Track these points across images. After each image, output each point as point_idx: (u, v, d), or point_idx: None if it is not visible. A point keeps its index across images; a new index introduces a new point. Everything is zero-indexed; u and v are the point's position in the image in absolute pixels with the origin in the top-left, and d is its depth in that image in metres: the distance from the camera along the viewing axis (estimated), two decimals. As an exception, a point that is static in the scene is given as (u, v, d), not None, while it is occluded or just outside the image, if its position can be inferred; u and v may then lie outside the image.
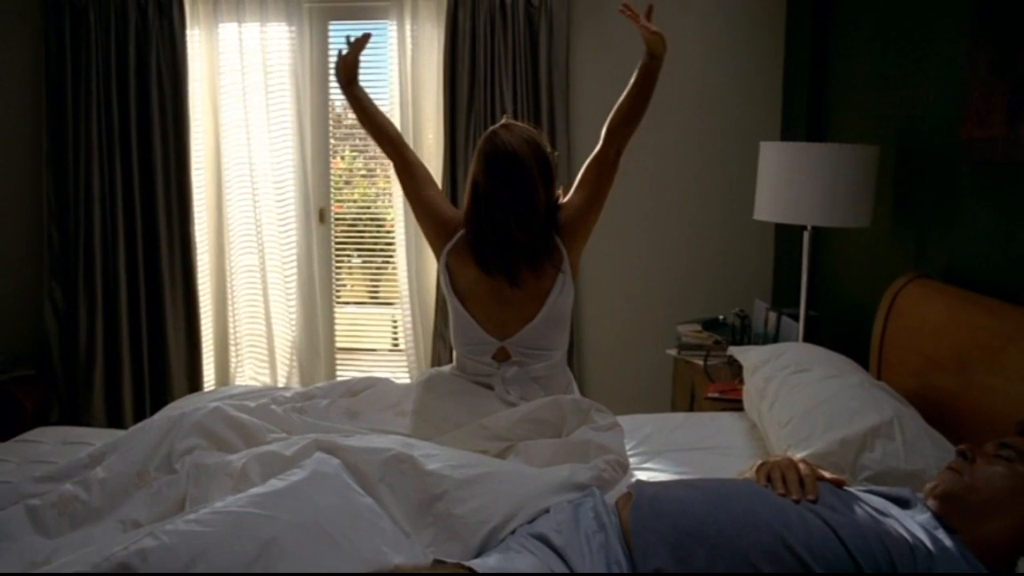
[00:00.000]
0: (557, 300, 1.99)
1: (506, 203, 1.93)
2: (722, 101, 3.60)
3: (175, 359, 3.72)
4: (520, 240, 1.94)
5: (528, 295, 1.98)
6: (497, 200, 1.93)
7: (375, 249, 3.99)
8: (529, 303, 1.98)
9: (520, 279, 1.96)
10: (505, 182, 1.93)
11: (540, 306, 1.97)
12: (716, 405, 2.68)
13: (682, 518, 1.29)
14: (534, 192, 1.94)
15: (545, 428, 1.82)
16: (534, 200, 1.94)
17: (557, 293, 1.98)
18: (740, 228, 3.57)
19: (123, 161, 3.64)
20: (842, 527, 1.25)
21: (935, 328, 2.12)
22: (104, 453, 1.78)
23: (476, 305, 2.01)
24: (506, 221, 1.93)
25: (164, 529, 1.26)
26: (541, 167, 1.96)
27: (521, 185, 1.93)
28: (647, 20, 2.02)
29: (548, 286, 1.97)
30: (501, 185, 1.93)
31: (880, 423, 1.78)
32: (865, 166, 2.49)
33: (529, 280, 1.97)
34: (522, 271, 1.96)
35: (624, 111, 2.07)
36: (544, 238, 1.99)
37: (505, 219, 1.93)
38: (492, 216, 1.94)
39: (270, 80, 3.64)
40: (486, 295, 1.99)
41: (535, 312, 1.98)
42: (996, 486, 1.31)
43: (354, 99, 2.18)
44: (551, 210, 2.02)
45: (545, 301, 1.97)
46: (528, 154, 1.93)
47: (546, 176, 1.98)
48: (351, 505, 1.39)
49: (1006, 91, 1.96)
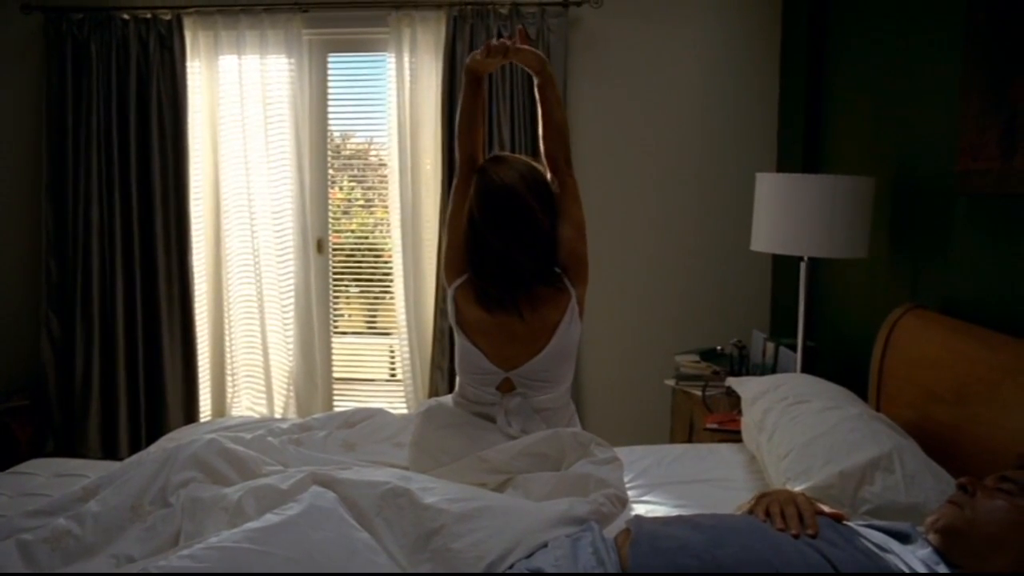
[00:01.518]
0: (565, 334, 1.97)
1: (508, 237, 1.91)
2: (718, 133, 3.63)
3: (171, 390, 3.70)
4: (524, 267, 1.93)
5: (536, 329, 1.96)
6: (497, 235, 1.92)
7: (373, 279, 3.99)
8: (537, 337, 1.96)
9: (524, 311, 1.95)
10: (502, 217, 1.92)
11: (548, 340, 1.96)
12: (715, 436, 2.67)
13: (681, 555, 1.28)
14: (535, 222, 1.93)
15: (544, 461, 1.81)
16: (537, 227, 1.93)
17: (566, 327, 1.96)
18: (738, 259, 3.58)
19: (122, 191, 3.65)
20: (841, 563, 1.24)
21: (933, 360, 2.11)
22: (98, 486, 1.76)
23: (483, 339, 1.99)
24: (507, 252, 1.91)
25: (157, 565, 1.25)
26: (538, 195, 1.94)
27: (520, 217, 1.92)
28: (520, 43, 2.03)
29: (557, 319, 1.96)
30: (498, 221, 1.92)
31: (880, 456, 1.77)
32: (861, 197, 2.51)
33: (536, 311, 1.95)
34: (525, 303, 1.95)
35: (544, 129, 2.07)
36: (549, 264, 1.98)
37: (506, 250, 1.91)
38: (492, 250, 1.93)
39: (269, 112, 3.67)
40: (494, 330, 1.97)
41: (543, 346, 1.96)
42: (997, 520, 1.30)
43: (475, 90, 2.14)
44: (554, 238, 2.00)
45: (553, 335, 1.96)
46: (522, 185, 1.92)
47: (545, 203, 1.96)
48: (347, 540, 1.38)
49: (999, 124, 1.98)
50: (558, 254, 1.99)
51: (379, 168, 3.94)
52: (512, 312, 1.93)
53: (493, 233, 1.92)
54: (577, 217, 2.02)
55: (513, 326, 1.95)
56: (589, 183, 3.68)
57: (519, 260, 1.92)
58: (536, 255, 1.94)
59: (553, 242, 1.98)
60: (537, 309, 1.95)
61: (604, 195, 3.66)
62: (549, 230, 1.96)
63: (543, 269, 1.96)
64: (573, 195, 2.04)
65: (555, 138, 2.05)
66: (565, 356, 2.01)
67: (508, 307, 1.94)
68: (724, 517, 1.46)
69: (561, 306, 1.96)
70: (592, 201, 3.64)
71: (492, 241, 1.93)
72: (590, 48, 3.63)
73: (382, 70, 3.70)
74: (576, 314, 1.99)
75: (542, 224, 1.94)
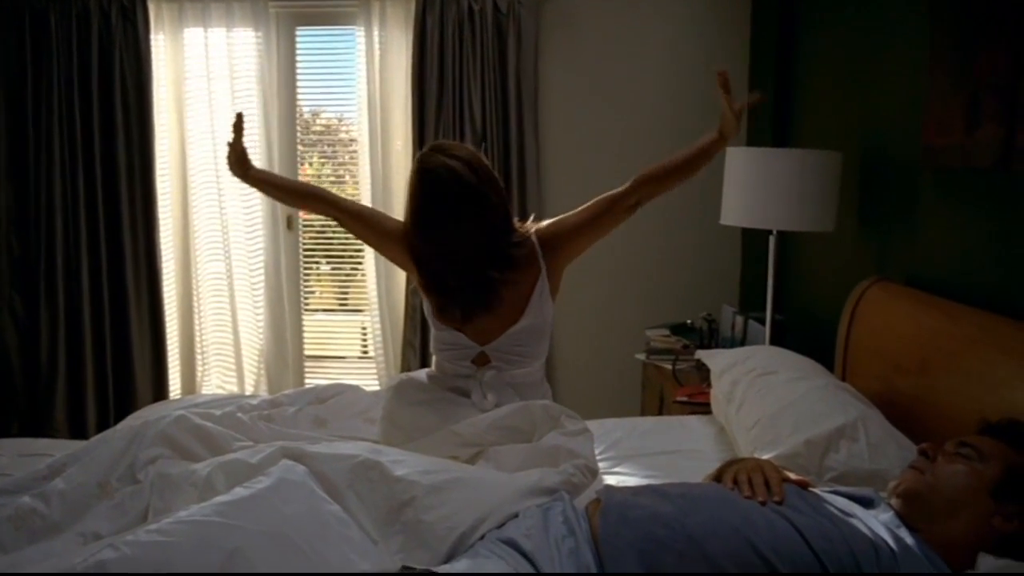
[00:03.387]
0: (539, 310, 1.98)
1: (452, 226, 1.86)
2: (687, 106, 3.63)
3: (140, 369, 3.66)
4: (474, 266, 1.89)
5: (508, 304, 1.97)
6: (439, 226, 1.86)
7: (344, 256, 3.97)
8: (511, 310, 1.97)
9: (492, 301, 1.94)
10: (446, 204, 1.85)
11: (521, 312, 1.97)
12: (685, 409, 2.70)
13: (650, 524, 1.29)
14: (482, 204, 1.87)
15: (515, 434, 1.82)
16: (485, 209, 1.87)
17: (538, 299, 1.97)
18: (708, 234, 3.60)
19: (86, 168, 3.58)
20: (807, 528, 1.26)
21: (897, 332, 2.15)
22: (64, 464, 1.74)
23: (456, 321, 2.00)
24: (453, 249, 1.88)
25: (124, 540, 1.23)
26: (483, 179, 1.88)
27: (465, 200, 1.85)
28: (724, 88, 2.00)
29: (528, 292, 1.96)
30: (441, 209, 1.86)
31: (845, 424, 1.80)
32: (829, 172, 2.53)
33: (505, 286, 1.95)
34: (479, 309, 1.94)
35: (666, 171, 2.04)
36: (501, 249, 1.93)
37: (452, 245, 1.88)
38: (437, 259, 1.91)
39: (236, 86, 3.61)
40: (467, 325, 2.00)
41: (517, 318, 1.97)
42: (956, 484, 1.34)
43: (259, 183, 2.19)
44: (507, 224, 1.96)
45: (527, 307, 1.97)
46: (465, 169, 1.86)
47: (491, 186, 1.91)
48: (318, 513, 1.38)
49: (963, 99, 2.01)
50: (552, 227, 2.01)
51: (349, 144, 3.90)
52: (479, 313, 1.95)
53: (435, 225, 1.87)
54: (605, 229, 2.07)
55: (483, 318, 1.97)
56: (559, 159, 3.71)
57: (467, 257, 1.88)
58: (484, 243, 1.90)
59: (505, 227, 1.95)
60: (506, 285, 1.95)
61: (574, 170, 3.66)
62: (498, 213, 1.92)
63: (495, 258, 1.92)
64: (621, 216, 2.06)
65: (666, 183, 2.05)
66: (539, 332, 2.03)
67: (474, 314, 1.95)
68: (692, 486, 1.48)
69: (531, 278, 1.97)
70: (562, 177, 3.69)
71: (435, 235, 1.88)
72: (562, 22, 3.61)
73: (351, 44, 3.65)
74: (547, 289, 2.00)
75: (491, 204, 1.88)
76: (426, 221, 1.91)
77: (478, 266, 1.91)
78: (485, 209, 1.88)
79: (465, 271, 1.92)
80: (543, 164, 3.64)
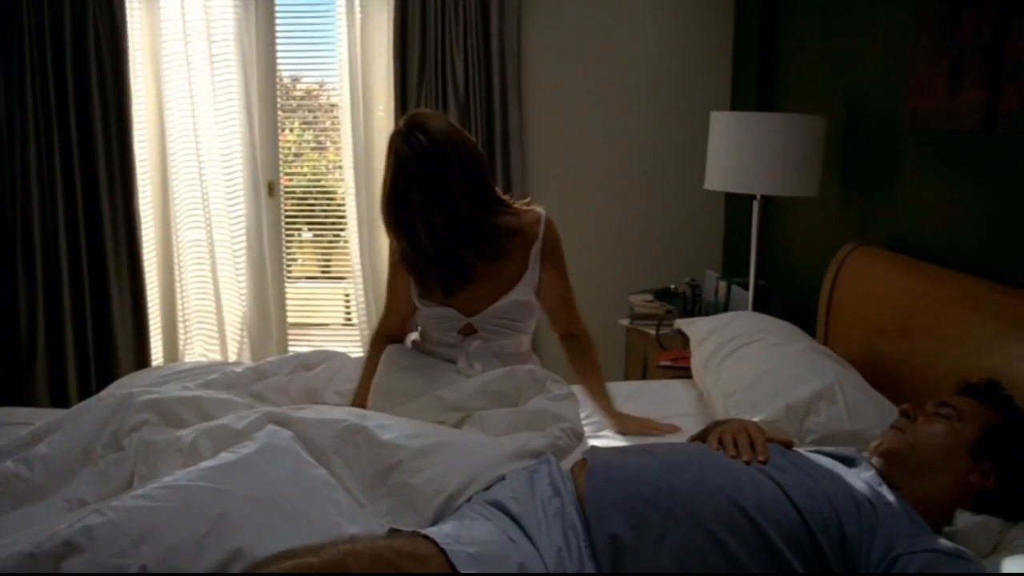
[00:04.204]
0: (528, 287, 1.98)
1: (431, 193, 1.81)
2: (671, 71, 3.61)
3: (121, 338, 3.62)
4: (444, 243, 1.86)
5: (494, 282, 1.96)
6: (419, 190, 1.81)
7: (326, 223, 3.94)
8: (496, 287, 1.97)
9: (477, 274, 1.93)
10: (424, 172, 1.81)
11: (508, 290, 1.96)
12: (668, 373, 2.71)
13: (636, 484, 1.31)
14: (448, 191, 1.82)
15: (501, 399, 1.82)
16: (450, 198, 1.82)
17: (528, 277, 1.96)
18: (691, 198, 3.61)
19: (61, 135, 3.50)
20: (791, 487, 1.28)
21: (879, 295, 2.17)
22: (46, 431, 1.72)
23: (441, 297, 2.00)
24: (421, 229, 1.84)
25: (111, 505, 1.23)
26: (450, 160, 1.83)
27: (427, 188, 1.81)
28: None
29: (519, 269, 1.96)
30: (404, 189, 1.82)
31: (823, 388, 1.82)
32: (813, 136, 2.53)
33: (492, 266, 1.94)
34: (458, 284, 1.93)
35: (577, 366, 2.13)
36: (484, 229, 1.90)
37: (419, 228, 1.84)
38: (405, 228, 1.86)
39: (215, 50, 3.54)
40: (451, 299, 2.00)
41: (502, 294, 1.97)
42: (936, 444, 1.36)
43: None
44: (484, 202, 1.91)
45: (516, 285, 1.96)
46: (444, 140, 1.82)
47: (470, 159, 1.87)
48: (304, 477, 1.38)
49: (947, 62, 2.00)
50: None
51: (330, 110, 3.85)
52: (460, 288, 1.94)
53: (401, 206, 1.84)
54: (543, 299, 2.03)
55: (468, 291, 1.96)
56: (542, 122, 3.68)
57: (436, 237, 1.84)
58: (455, 225, 1.85)
59: (482, 206, 1.90)
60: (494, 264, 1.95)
61: (557, 134, 3.64)
62: (470, 191, 1.86)
63: (471, 238, 1.88)
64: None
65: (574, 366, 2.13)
66: (528, 307, 2.02)
67: (454, 289, 1.94)
68: (677, 446, 1.49)
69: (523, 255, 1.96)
70: (546, 142, 3.67)
71: (402, 217, 1.84)
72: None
73: (331, 7, 3.59)
74: (533, 281, 1.98)
75: (458, 184, 1.83)
76: (394, 201, 1.86)
77: (450, 246, 1.86)
78: (451, 191, 1.82)
79: (436, 251, 1.87)
80: (526, 129, 3.62)
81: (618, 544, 1.23)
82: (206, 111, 3.59)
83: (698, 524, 1.24)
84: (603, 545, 1.24)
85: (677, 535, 1.23)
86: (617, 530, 1.25)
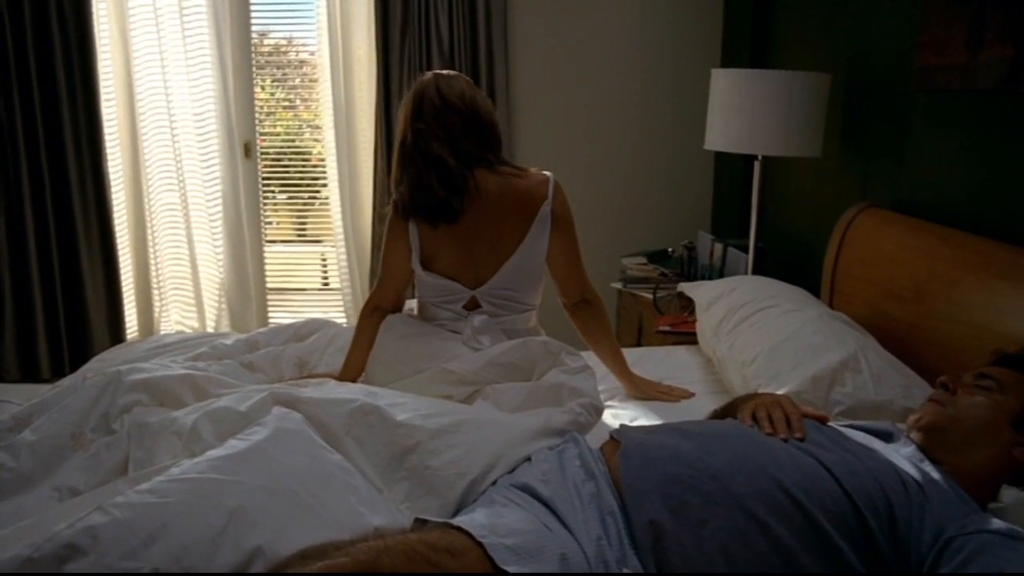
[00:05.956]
0: (531, 249, 1.88)
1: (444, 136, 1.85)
2: (660, 25, 3.50)
3: (94, 307, 3.47)
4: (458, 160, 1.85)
5: (497, 235, 1.87)
6: (434, 136, 1.84)
7: (301, 185, 3.79)
8: (499, 246, 1.87)
9: (477, 212, 1.85)
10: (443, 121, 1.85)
11: (513, 249, 1.87)
12: (667, 339, 2.66)
13: (672, 465, 1.24)
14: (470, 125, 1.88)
15: (514, 371, 1.74)
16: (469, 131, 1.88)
17: (531, 239, 1.87)
18: (678, 159, 3.53)
19: (22, 92, 3.29)
20: (834, 465, 1.22)
21: (889, 258, 2.12)
22: (30, 415, 1.62)
23: (443, 263, 1.90)
24: (439, 151, 1.84)
25: (115, 503, 1.13)
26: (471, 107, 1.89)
27: (459, 120, 1.86)
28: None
29: (524, 230, 1.86)
30: (440, 123, 1.85)
31: (847, 357, 1.78)
32: (817, 94, 2.46)
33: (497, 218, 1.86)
34: (474, 198, 1.86)
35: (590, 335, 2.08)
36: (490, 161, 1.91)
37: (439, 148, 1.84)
38: (425, 155, 1.84)
39: (185, 2, 3.35)
40: (451, 246, 1.88)
41: (508, 255, 1.87)
42: (978, 416, 1.31)
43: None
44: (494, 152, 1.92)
45: (520, 243, 1.87)
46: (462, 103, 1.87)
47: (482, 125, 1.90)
48: (320, 464, 1.29)
49: (965, 18, 1.93)
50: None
51: (299, 66, 3.68)
52: (457, 210, 1.84)
53: (431, 135, 1.84)
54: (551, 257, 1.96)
55: (466, 233, 1.85)
56: (533, 83, 3.56)
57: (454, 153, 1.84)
58: (470, 148, 1.87)
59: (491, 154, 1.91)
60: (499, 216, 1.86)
61: (548, 94, 3.53)
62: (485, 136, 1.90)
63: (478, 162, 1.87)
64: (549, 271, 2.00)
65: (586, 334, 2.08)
66: (531, 274, 1.93)
67: (449, 210, 1.84)
68: (711, 424, 1.43)
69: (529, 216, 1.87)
70: (532, 99, 3.55)
71: (427, 145, 1.84)
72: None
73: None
74: (547, 234, 1.90)
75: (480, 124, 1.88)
76: (419, 124, 1.86)
77: (461, 167, 1.84)
78: (473, 125, 1.87)
79: (449, 170, 1.84)
80: (513, 86, 3.50)
81: (658, 530, 1.17)
82: (177, 67, 3.41)
83: (740, 506, 1.17)
84: (642, 531, 1.17)
85: (719, 519, 1.16)
86: (656, 515, 1.18)
